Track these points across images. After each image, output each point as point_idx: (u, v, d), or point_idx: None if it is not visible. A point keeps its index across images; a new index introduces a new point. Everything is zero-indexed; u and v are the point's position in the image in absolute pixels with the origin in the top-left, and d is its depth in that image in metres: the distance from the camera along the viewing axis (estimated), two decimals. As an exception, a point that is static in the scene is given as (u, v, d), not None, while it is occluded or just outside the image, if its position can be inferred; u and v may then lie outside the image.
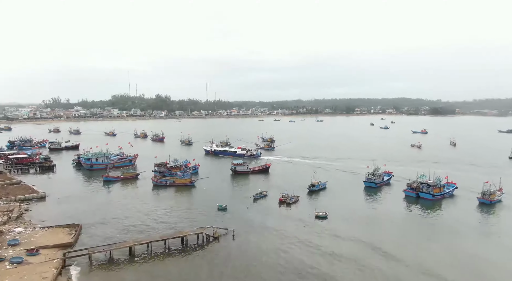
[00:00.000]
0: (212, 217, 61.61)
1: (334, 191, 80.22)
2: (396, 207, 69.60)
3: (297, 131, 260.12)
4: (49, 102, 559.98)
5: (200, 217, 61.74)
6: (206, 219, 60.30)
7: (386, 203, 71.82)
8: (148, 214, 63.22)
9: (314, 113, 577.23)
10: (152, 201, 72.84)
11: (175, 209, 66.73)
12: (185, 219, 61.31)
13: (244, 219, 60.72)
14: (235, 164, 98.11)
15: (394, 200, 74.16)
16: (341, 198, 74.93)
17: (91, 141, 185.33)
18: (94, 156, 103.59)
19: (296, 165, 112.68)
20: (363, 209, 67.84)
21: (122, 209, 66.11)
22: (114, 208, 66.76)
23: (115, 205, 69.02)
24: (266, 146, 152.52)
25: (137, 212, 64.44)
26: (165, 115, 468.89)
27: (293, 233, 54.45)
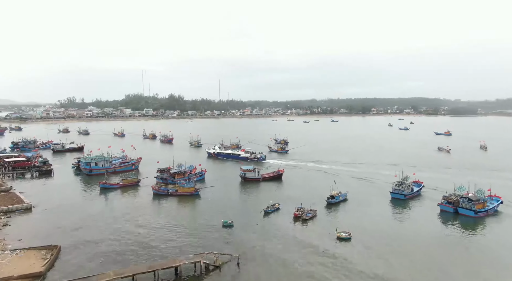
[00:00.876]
0: (215, 237, 52.78)
1: (356, 203, 70.20)
2: (431, 226, 59.23)
3: (312, 132, 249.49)
4: (64, 102, 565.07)
5: (202, 236, 53.00)
6: (208, 240, 51.56)
7: (419, 221, 61.42)
8: (141, 233, 54.75)
9: (329, 113, 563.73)
10: (149, 214, 64.39)
11: (174, 225, 58.07)
12: (184, 238, 52.59)
13: (253, 241, 51.56)
14: (244, 171, 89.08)
15: (427, 216, 63.68)
16: (365, 213, 64.92)
17: (98, 142, 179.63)
18: (93, 160, 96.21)
19: (311, 171, 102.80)
20: (392, 229, 57.67)
21: (113, 225, 57.84)
22: (104, 224, 58.55)
23: (107, 219, 60.82)
24: (280, 149, 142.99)
25: (130, 229, 56.09)
26: (177, 115, 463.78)
27: (310, 260, 45.01)
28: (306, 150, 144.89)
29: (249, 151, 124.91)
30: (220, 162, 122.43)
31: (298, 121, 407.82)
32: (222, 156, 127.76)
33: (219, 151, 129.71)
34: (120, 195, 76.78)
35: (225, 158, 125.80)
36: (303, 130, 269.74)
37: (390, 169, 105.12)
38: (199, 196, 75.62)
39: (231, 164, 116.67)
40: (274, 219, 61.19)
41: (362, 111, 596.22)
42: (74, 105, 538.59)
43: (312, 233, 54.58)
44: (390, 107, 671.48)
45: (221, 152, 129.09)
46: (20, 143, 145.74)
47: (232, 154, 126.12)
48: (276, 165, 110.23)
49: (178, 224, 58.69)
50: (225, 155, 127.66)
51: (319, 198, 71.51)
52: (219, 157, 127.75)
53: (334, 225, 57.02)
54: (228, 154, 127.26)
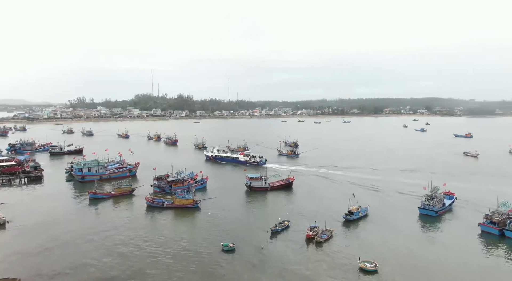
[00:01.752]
0: (211, 265, 43.71)
1: (379, 221, 60.34)
2: (473, 254, 49.12)
3: (323, 133, 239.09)
4: (74, 102, 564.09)
5: (196, 262, 44.08)
6: (203, 268, 42.54)
7: (458, 246, 51.23)
8: (125, 255, 46.08)
9: (340, 114, 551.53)
10: (139, 231, 55.64)
11: (165, 247, 49.29)
12: (174, 264, 43.81)
13: (257, 271, 42.38)
14: (250, 179, 79.87)
15: (467, 240, 53.39)
16: (390, 234, 55.08)
17: (100, 144, 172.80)
18: (86, 166, 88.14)
19: (325, 179, 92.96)
20: (426, 257, 47.46)
21: (94, 246, 49.32)
22: (84, 244, 50.05)
23: (89, 239, 52.25)
24: (289, 153, 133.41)
25: (112, 251, 47.47)
26: (185, 115, 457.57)
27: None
28: (318, 153, 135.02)
29: (249, 154, 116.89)
30: (220, 167, 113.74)
31: (309, 121, 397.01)
32: (221, 159, 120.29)
33: (218, 154, 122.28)
34: (110, 207, 68.33)
35: (224, 162, 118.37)
36: (314, 131, 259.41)
37: (412, 176, 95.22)
38: (198, 209, 66.74)
39: (234, 170, 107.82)
40: (283, 240, 51.86)
41: (374, 111, 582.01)
42: (84, 105, 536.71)
43: (328, 262, 45.03)
44: (403, 107, 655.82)
45: (220, 156, 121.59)
46: (17, 145, 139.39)
47: (231, 158, 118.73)
48: (279, 170, 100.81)
49: (170, 245, 49.88)
50: (223, 158, 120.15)
51: (335, 213, 62.09)
52: (218, 160, 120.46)
53: (354, 250, 47.53)
54: (226, 158, 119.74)
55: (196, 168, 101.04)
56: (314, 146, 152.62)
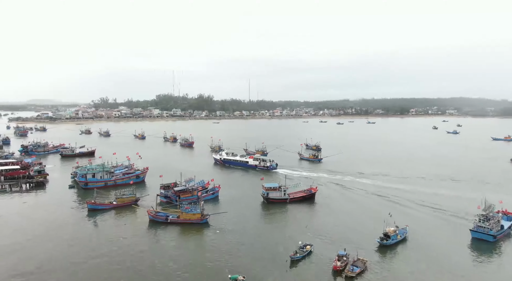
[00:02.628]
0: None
1: (422, 248, 49.79)
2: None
3: (347, 135, 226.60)
4: (97, 102, 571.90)
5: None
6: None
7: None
8: (112, 291, 37.98)
9: (364, 114, 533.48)
10: (136, 253, 47.65)
11: (163, 273, 40.92)
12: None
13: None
14: (267, 189, 70.63)
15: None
16: (437, 264, 44.60)
17: (115, 145, 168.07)
18: (90, 171, 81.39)
19: (351, 190, 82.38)
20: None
21: (82, 271, 41.48)
22: (71, 268, 42.33)
23: (78, 261, 44.59)
24: (312, 157, 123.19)
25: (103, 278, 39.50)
26: (205, 116, 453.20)
27: None
28: (342, 158, 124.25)
29: (258, 158, 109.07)
30: (232, 172, 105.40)
31: (331, 122, 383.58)
32: (229, 163, 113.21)
33: (226, 158, 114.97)
34: (110, 220, 60.78)
35: (233, 166, 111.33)
36: (337, 133, 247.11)
37: (456, 188, 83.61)
38: (207, 225, 58.18)
39: (248, 176, 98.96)
40: (305, 272, 42.45)
41: (399, 112, 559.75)
42: (107, 105, 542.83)
43: (364, 307, 35.35)
44: (430, 107, 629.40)
45: (228, 159, 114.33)
46: (29, 146, 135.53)
47: (240, 161, 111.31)
48: (291, 176, 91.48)
49: (169, 272, 41.50)
50: (232, 162, 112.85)
51: (367, 236, 52.07)
52: (226, 164, 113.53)
53: (396, 290, 37.55)
54: (235, 161, 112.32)
55: (207, 174, 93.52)
56: (337, 150, 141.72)
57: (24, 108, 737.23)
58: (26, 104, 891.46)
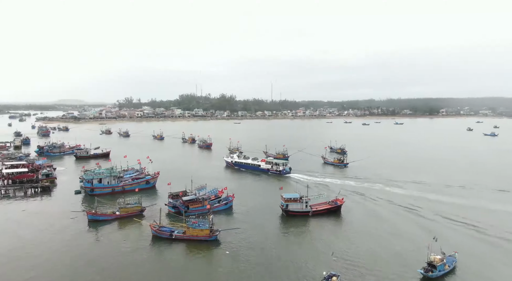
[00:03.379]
0: None
1: (477, 280, 40.39)
2: None
3: (374, 137, 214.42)
4: (122, 102, 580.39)
5: None
6: None
7: None
8: None
9: (391, 114, 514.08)
10: (131, 276, 40.86)
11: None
12: None
13: None
14: (287, 200, 62.51)
15: None
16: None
17: (133, 146, 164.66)
18: (97, 176, 75.87)
19: (382, 201, 72.81)
20: None
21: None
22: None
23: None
24: (336, 162, 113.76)
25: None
26: (226, 116, 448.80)
27: None
28: (370, 163, 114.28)
29: (271, 162, 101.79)
30: (243, 176, 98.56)
31: (356, 123, 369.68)
32: (241, 166, 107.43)
33: (238, 161, 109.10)
34: (110, 233, 54.50)
35: (244, 169, 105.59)
36: (363, 134, 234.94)
37: (503, 199, 72.41)
38: (216, 242, 50.84)
39: (264, 182, 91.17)
40: (331, 313, 34.16)
41: (429, 112, 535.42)
42: (131, 105, 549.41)
43: None
44: (461, 107, 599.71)
45: (240, 162, 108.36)
46: (45, 147, 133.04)
47: (252, 165, 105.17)
48: (305, 183, 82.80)
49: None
50: (244, 165, 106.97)
51: (407, 264, 43.06)
52: (237, 167, 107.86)
53: None
54: (247, 165, 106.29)
55: (218, 179, 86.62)
56: (364, 153, 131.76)
57: (53, 108, 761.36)
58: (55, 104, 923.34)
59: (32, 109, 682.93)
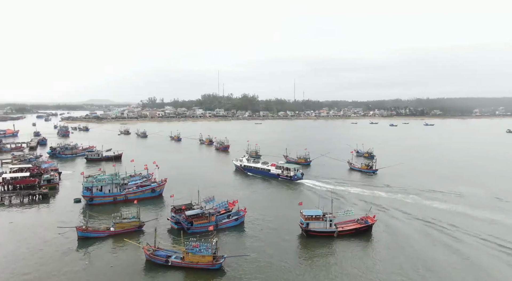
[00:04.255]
0: None
1: None
2: None
3: (404, 139, 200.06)
4: (146, 102, 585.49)
5: None
6: None
7: None
8: None
9: (419, 115, 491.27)
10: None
11: None
12: None
13: None
14: (307, 218, 52.86)
15: None
16: None
17: (149, 147, 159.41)
18: (97, 183, 68.82)
19: (420, 218, 61.78)
20: None
21: None
22: None
23: None
24: (364, 168, 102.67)
25: None
26: (248, 116, 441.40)
27: None
28: (402, 169, 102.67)
29: (282, 166, 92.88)
30: (252, 182, 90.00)
31: (383, 123, 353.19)
32: (250, 170, 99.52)
33: (247, 165, 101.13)
34: (100, 255, 46.69)
35: (253, 174, 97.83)
36: (391, 136, 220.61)
37: None
38: (221, 272, 42.02)
39: (274, 189, 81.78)
40: None
41: (461, 113, 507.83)
42: (154, 105, 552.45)
43: None
44: (495, 108, 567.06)
45: (249, 166, 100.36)
46: (57, 149, 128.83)
47: (261, 169, 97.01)
48: (318, 191, 72.63)
49: None
50: (253, 169, 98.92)
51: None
52: (246, 171, 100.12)
53: None
54: (256, 169, 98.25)
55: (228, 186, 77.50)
56: (394, 157, 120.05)
57: (81, 108, 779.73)
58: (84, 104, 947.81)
59: (61, 109, 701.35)
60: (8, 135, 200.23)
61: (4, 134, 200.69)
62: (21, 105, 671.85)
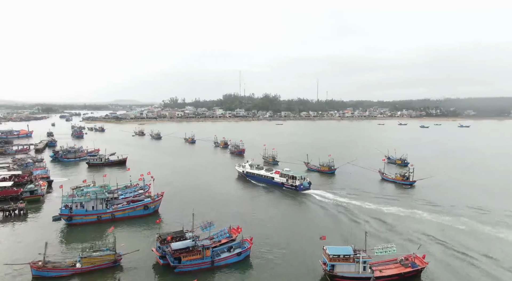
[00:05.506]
0: None
1: None
2: None
3: (438, 143, 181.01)
4: (167, 102, 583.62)
5: None
6: None
7: None
8: None
9: (451, 116, 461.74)
10: None
11: None
12: None
13: None
14: (332, 259, 39.12)
15: None
16: None
17: (161, 150, 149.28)
18: (77, 200, 57.49)
19: (485, 253, 46.75)
20: None
21: None
22: None
23: None
24: (400, 179, 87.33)
25: None
26: (269, 116, 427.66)
27: None
28: (443, 180, 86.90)
29: (286, 174, 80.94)
30: (256, 194, 77.67)
31: (412, 125, 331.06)
32: (252, 177, 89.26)
33: (249, 171, 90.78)
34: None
35: (256, 181, 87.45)
36: (423, 139, 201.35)
37: None
38: None
39: (282, 204, 67.59)
40: None
41: (496, 113, 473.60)
42: (176, 105, 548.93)
43: None
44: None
45: (252, 173, 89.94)
46: (59, 152, 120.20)
47: (264, 177, 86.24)
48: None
49: None
50: (256, 177, 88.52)
51: None
52: (248, 178, 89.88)
53: None
54: (259, 176, 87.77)
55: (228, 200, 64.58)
56: (432, 165, 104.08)
57: (106, 108, 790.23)
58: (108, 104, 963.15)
59: (87, 109, 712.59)
60: (22, 136, 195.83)
61: (18, 134, 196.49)
62: (50, 105, 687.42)
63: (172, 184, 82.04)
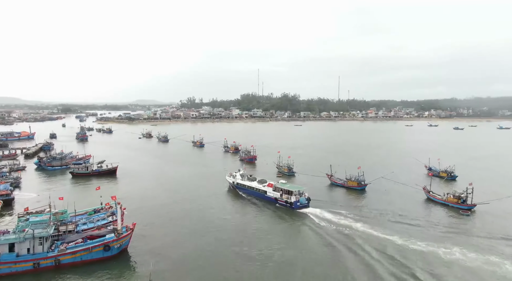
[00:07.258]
0: None
1: None
2: None
3: (481, 148, 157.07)
4: (184, 102, 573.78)
5: None
6: None
7: None
8: None
9: (484, 116, 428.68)
10: None
11: None
12: None
13: None
14: None
15: None
16: None
17: (165, 155, 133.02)
18: (3, 240, 40.59)
19: None
20: None
21: None
22: None
23: None
24: (453, 201, 66.57)
25: None
26: (287, 117, 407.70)
27: None
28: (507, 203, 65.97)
29: (281, 188, 64.39)
30: (248, 217, 56.22)
31: (444, 126, 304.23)
32: (243, 190, 74.19)
33: (240, 183, 75.86)
34: None
35: (247, 194, 72.55)
36: (462, 143, 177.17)
37: None
38: None
39: (284, 234, 47.97)
40: None
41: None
42: (193, 105, 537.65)
43: None
44: None
45: (242, 185, 74.91)
46: (44, 158, 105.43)
47: (256, 190, 70.58)
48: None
49: None
50: (246, 189, 73.39)
51: None
52: (238, 190, 75.39)
53: None
54: (251, 189, 72.23)
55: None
56: (486, 179, 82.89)
57: (125, 108, 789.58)
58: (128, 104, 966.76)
59: (106, 109, 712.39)
60: (23, 138, 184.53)
61: (18, 136, 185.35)
62: (70, 105, 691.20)
63: (157, 206, 64.69)
